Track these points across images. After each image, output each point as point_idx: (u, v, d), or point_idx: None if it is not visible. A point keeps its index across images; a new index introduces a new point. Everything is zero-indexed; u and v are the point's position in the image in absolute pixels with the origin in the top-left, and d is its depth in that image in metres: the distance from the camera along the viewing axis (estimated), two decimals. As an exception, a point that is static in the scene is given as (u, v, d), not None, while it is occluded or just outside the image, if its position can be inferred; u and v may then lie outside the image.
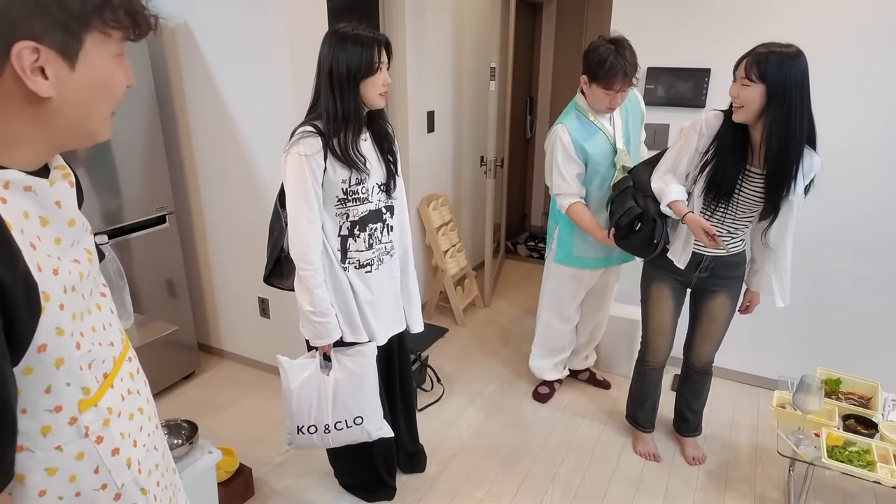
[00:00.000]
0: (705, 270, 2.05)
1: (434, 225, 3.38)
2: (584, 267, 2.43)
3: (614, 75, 2.01)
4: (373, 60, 1.59)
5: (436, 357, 3.11)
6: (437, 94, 3.40)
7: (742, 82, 1.70)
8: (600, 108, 2.15)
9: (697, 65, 2.57)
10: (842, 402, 1.99)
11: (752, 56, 1.67)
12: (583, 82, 2.13)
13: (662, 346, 2.23)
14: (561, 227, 2.39)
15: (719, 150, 1.84)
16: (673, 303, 2.15)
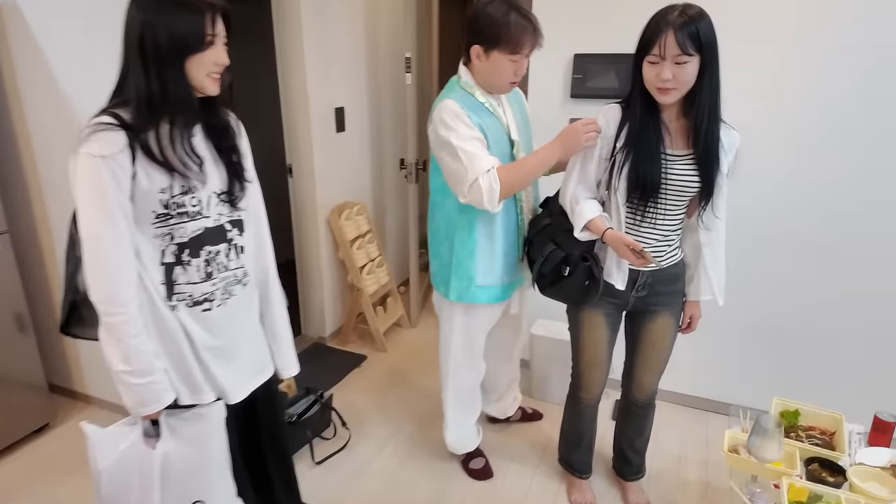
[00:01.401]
0: (643, 288, 1.72)
1: (348, 237, 2.96)
2: (493, 300, 1.91)
3: (522, 32, 1.61)
4: (203, 31, 1.17)
5: (347, 393, 2.69)
6: (347, 89, 2.99)
7: (676, 60, 1.40)
8: (502, 82, 1.71)
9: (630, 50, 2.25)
10: (802, 440, 1.68)
11: (674, 27, 1.38)
12: (475, 55, 1.68)
13: (598, 379, 1.89)
14: (456, 248, 1.83)
15: (633, 144, 1.55)
16: (608, 330, 1.81)
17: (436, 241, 1.93)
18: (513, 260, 1.90)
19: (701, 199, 1.59)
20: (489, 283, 1.87)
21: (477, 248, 1.82)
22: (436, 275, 1.97)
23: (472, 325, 1.97)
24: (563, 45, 2.35)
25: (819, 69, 2.04)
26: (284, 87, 2.75)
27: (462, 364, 2.04)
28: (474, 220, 1.79)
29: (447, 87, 1.78)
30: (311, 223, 2.91)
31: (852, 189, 2.10)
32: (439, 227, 1.90)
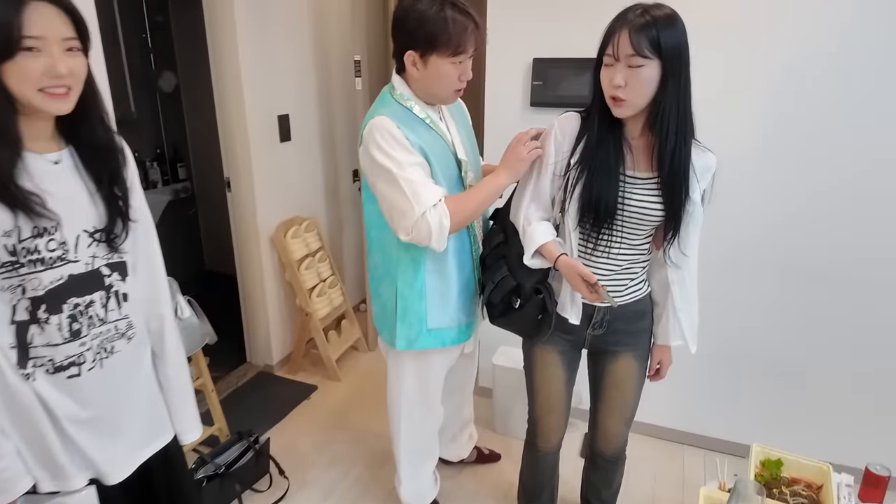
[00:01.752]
0: (600, 326, 1.50)
1: (294, 257, 2.71)
2: (448, 343, 1.65)
3: (463, 30, 1.37)
4: (12, 32, 0.92)
5: (290, 432, 2.44)
6: (292, 95, 2.74)
7: (630, 62, 1.21)
8: (445, 91, 1.46)
9: (593, 54, 2.05)
10: (786, 496, 1.49)
11: (631, 26, 1.20)
12: (410, 63, 1.42)
13: (554, 426, 1.65)
14: (402, 289, 1.57)
15: (588, 161, 1.34)
16: (563, 370, 1.58)
17: (375, 280, 1.67)
18: (469, 296, 1.65)
19: (666, 231, 1.37)
20: (443, 326, 1.62)
21: (426, 288, 1.56)
22: (378, 318, 1.70)
23: (425, 373, 1.72)
24: (521, 49, 2.14)
25: (782, 73, 1.87)
26: (219, 94, 2.49)
27: (416, 414, 1.79)
28: (420, 256, 1.53)
29: (379, 99, 1.52)
30: (252, 242, 2.66)
31: (839, 205, 1.93)
32: (378, 266, 1.64)
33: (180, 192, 3.81)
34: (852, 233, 1.93)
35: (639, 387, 1.59)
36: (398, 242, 1.50)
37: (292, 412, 2.58)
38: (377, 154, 1.40)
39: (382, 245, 1.59)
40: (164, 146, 3.74)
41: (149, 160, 3.61)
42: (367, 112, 1.49)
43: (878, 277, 1.93)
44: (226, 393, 2.70)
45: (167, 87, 3.62)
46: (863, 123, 1.84)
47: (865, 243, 1.92)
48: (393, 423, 1.83)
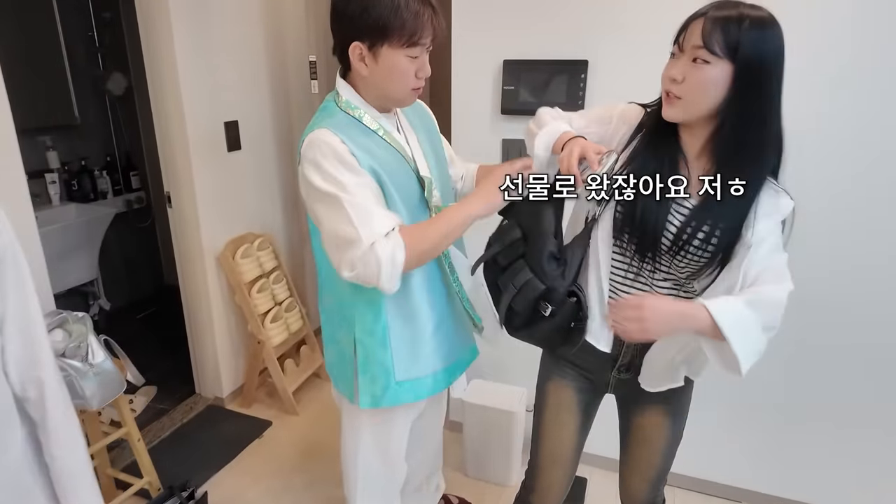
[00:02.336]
0: (626, 369, 1.25)
1: (245, 279, 2.45)
2: (423, 396, 1.38)
3: (417, 14, 1.12)
4: None
5: (237, 477, 2.18)
6: (242, 99, 2.47)
7: (695, 54, 1.00)
8: (401, 90, 1.21)
9: (571, 56, 1.81)
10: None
11: (712, 18, 0.99)
12: (356, 58, 1.17)
13: (556, 483, 1.39)
14: (360, 336, 1.30)
15: (637, 166, 1.11)
16: (579, 415, 1.34)
17: (331, 324, 1.40)
18: (447, 335, 1.39)
19: (708, 269, 1.10)
20: (416, 376, 1.35)
21: (390, 334, 1.30)
22: (334, 368, 1.44)
23: (387, 432, 1.45)
24: (490, 50, 1.89)
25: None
26: (156, 100, 2.22)
27: (375, 474, 1.52)
28: (379, 298, 1.27)
29: (321, 109, 1.25)
30: (196, 263, 2.39)
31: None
32: (331, 309, 1.38)
33: (133, 203, 3.54)
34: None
35: (670, 448, 1.33)
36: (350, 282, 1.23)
37: (241, 453, 2.31)
38: (314, 176, 1.15)
39: (334, 284, 1.32)
40: (116, 154, 3.45)
41: (97, 169, 3.32)
42: (308, 125, 1.22)
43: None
44: (169, 431, 2.43)
45: (117, 89, 3.33)
46: (860, 154, 1.61)
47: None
48: (348, 484, 1.56)
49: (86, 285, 3.21)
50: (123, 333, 3.38)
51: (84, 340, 1.61)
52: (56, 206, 3.03)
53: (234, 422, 2.51)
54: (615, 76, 1.79)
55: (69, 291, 3.13)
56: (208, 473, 2.17)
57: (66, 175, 3.14)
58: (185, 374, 2.70)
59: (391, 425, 1.44)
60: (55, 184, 3.04)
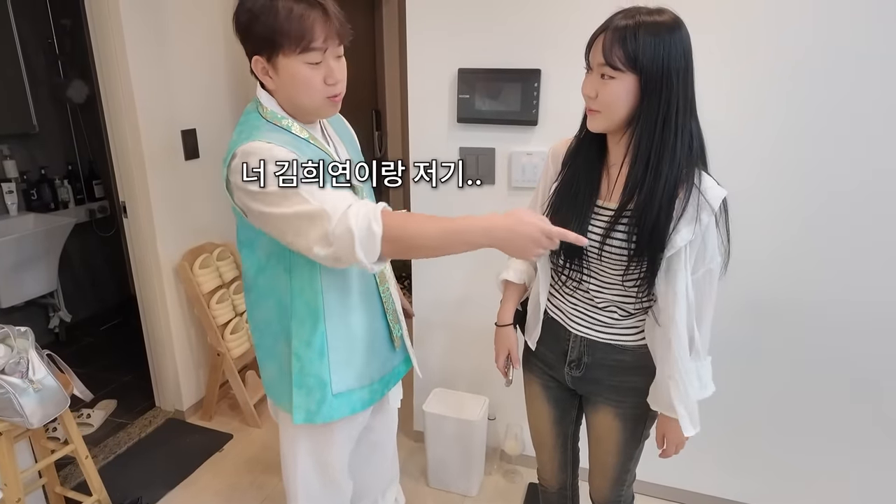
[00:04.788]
0: (577, 366, 1.30)
1: (204, 289, 2.41)
2: (359, 408, 1.34)
3: (303, 18, 1.07)
4: None
5: (196, 492, 2.13)
6: (199, 106, 2.44)
7: (601, 71, 1.06)
8: (313, 99, 1.14)
9: (524, 64, 1.81)
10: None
11: (611, 31, 1.04)
12: (261, 72, 1.14)
13: (547, 464, 1.51)
14: (297, 348, 1.24)
15: (561, 186, 1.22)
16: (549, 406, 1.42)
17: (270, 337, 1.30)
18: (382, 343, 1.37)
19: (639, 278, 1.14)
20: (352, 387, 1.30)
21: (328, 343, 1.25)
22: (273, 385, 1.35)
23: (327, 448, 1.38)
24: (445, 59, 1.88)
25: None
26: (109, 108, 2.18)
27: (318, 496, 1.44)
28: (318, 303, 1.22)
29: (243, 123, 1.18)
30: (153, 274, 2.34)
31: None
32: (271, 321, 1.28)
33: (97, 213, 3.47)
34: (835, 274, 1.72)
35: (623, 449, 1.35)
36: (291, 289, 1.21)
37: (200, 467, 2.26)
38: (258, 183, 1.06)
39: (274, 292, 1.25)
40: (78, 162, 3.39)
41: (58, 178, 3.26)
42: (231, 141, 1.16)
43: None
44: (127, 445, 2.38)
45: (78, 97, 3.27)
46: (834, 170, 1.63)
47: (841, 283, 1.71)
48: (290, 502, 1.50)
49: (45, 297, 3.14)
50: (85, 346, 3.34)
51: (25, 356, 1.57)
52: (13, 216, 2.96)
53: (193, 435, 2.46)
54: (567, 84, 1.79)
55: (28, 303, 3.06)
56: (164, 489, 2.12)
57: (25, 184, 3.08)
58: (146, 388, 2.64)
59: (330, 441, 1.38)
60: (13, 193, 2.97)
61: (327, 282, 1.21)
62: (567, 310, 1.30)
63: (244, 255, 1.28)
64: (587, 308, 1.27)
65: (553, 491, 1.55)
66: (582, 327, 1.27)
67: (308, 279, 1.20)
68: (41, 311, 3.23)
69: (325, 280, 1.21)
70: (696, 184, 1.09)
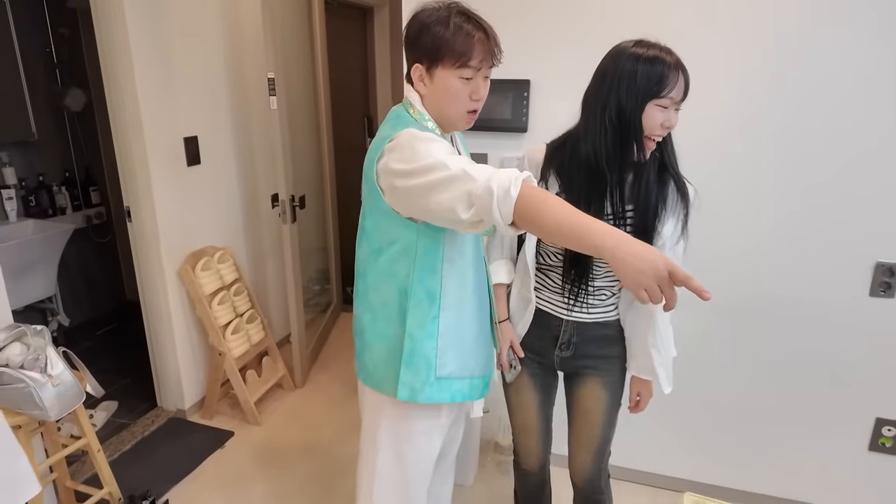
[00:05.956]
0: (567, 347, 1.46)
1: (205, 291, 2.49)
2: (457, 398, 1.35)
3: (468, 37, 1.18)
4: None
5: (199, 487, 2.20)
6: (201, 115, 2.53)
7: (677, 106, 1.26)
8: (457, 111, 1.25)
9: (514, 75, 1.94)
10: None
11: (684, 72, 1.24)
12: (417, 78, 1.26)
13: (530, 448, 1.61)
14: (411, 327, 1.28)
15: (571, 194, 1.33)
16: (537, 392, 1.54)
17: (381, 321, 1.34)
18: (486, 345, 1.42)
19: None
20: (454, 375, 1.34)
21: (440, 328, 1.30)
22: (377, 369, 1.36)
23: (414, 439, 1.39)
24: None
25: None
26: (115, 114, 2.27)
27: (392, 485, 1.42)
28: (437, 290, 1.28)
29: (394, 117, 1.27)
30: (156, 276, 2.42)
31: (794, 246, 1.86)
32: (388, 303, 1.32)
33: (93, 219, 3.53)
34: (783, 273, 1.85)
35: (608, 417, 1.50)
36: (413, 273, 1.27)
37: (203, 463, 2.33)
38: (409, 150, 1.14)
39: (395, 276, 1.30)
40: (75, 169, 3.45)
41: (56, 184, 3.31)
42: (379, 134, 1.24)
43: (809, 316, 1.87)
44: (130, 444, 2.44)
45: (76, 105, 3.33)
46: (794, 174, 1.77)
47: (802, 291, 1.86)
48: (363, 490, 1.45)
49: (44, 301, 3.18)
50: (83, 349, 3.38)
51: (43, 353, 1.64)
52: (13, 222, 3.01)
53: (196, 433, 2.53)
54: (554, 94, 1.92)
55: (27, 308, 3.10)
56: (169, 484, 2.19)
57: (24, 191, 3.13)
58: (146, 390, 2.71)
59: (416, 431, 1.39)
60: (12, 200, 3.02)
61: (447, 271, 1.28)
62: (558, 300, 1.43)
63: (367, 241, 1.33)
64: (579, 300, 1.40)
65: (535, 472, 1.65)
66: (574, 313, 1.41)
67: (430, 267, 1.26)
68: (40, 316, 3.27)
69: (445, 269, 1.28)
70: (682, 183, 1.29)
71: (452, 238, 1.28)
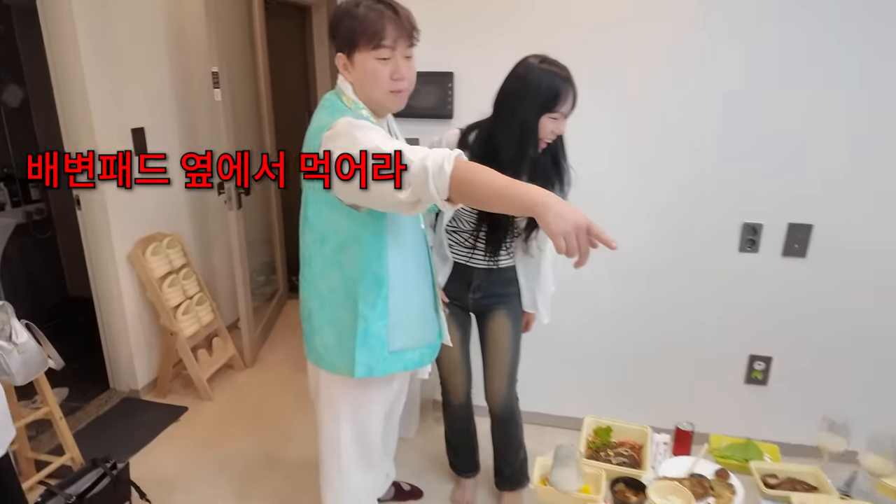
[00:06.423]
0: (478, 289, 1.81)
1: (155, 275, 2.61)
2: (410, 366, 1.50)
3: (378, 18, 1.25)
4: None
5: (157, 456, 2.35)
6: (148, 107, 2.66)
7: (566, 117, 1.57)
8: (379, 92, 1.31)
9: (438, 68, 2.19)
10: (611, 457, 1.67)
11: (574, 89, 1.53)
12: (342, 67, 1.33)
13: (458, 381, 1.93)
14: (363, 310, 1.37)
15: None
16: (457, 329, 1.84)
17: (331, 305, 1.42)
18: (432, 314, 1.56)
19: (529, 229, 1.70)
20: (406, 347, 1.46)
21: (389, 307, 1.40)
22: (329, 351, 1.45)
23: (369, 408, 1.53)
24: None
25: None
26: (64, 109, 2.38)
27: (356, 464, 1.57)
28: (383, 272, 1.37)
29: (329, 107, 1.32)
30: (107, 262, 2.53)
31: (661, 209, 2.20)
32: (335, 287, 1.40)
33: (34, 214, 3.54)
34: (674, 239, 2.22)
35: (514, 343, 1.85)
36: (360, 259, 1.36)
37: (160, 435, 2.47)
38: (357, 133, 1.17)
39: (342, 263, 1.38)
40: (13, 165, 3.45)
41: (-7, 181, 3.32)
42: (316, 122, 1.31)
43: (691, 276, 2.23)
44: (85, 423, 2.54)
45: (13, 101, 3.36)
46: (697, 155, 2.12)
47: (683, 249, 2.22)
48: (328, 483, 1.60)
49: (-15, 296, 3.19)
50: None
51: (7, 324, 1.76)
52: (-50, 218, 3.02)
53: (150, 410, 2.65)
54: (478, 86, 2.17)
55: (-33, 303, 3.10)
56: (127, 454, 2.31)
57: (-40, 188, 3.13)
58: (97, 375, 2.79)
59: (370, 402, 1.53)
60: (-52, 196, 3.03)
61: (392, 255, 1.37)
62: (469, 254, 1.77)
63: (311, 229, 1.40)
64: (485, 253, 1.74)
65: (462, 405, 1.97)
66: (483, 263, 1.76)
67: (376, 253, 1.35)
68: (-20, 311, 3.26)
69: (390, 253, 1.37)
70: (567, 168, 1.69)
71: (394, 223, 1.36)
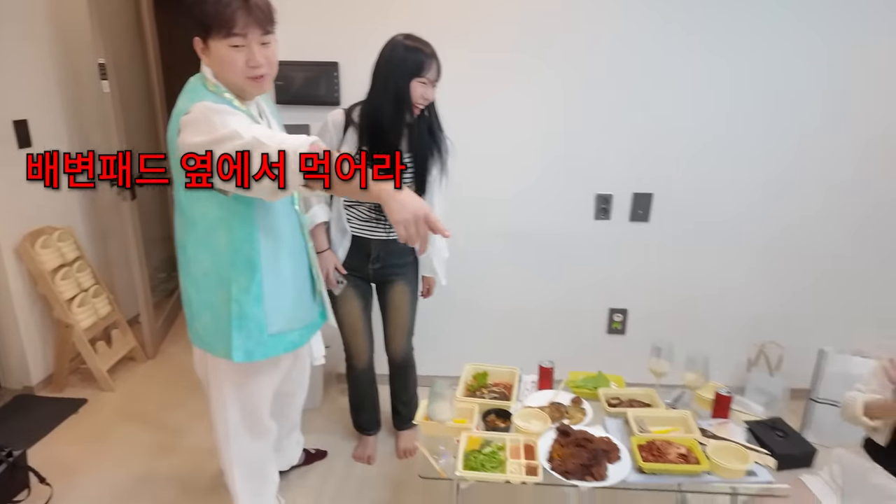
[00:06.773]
0: (377, 261, 1.99)
1: (47, 268, 2.58)
2: (290, 348, 1.57)
3: (227, 6, 1.26)
4: None
5: (57, 445, 2.35)
6: (30, 98, 2.62)
7: (433, 84, 1.78)
8: (236, 77, 1.32)
9: (324, 58, 2.36)
10: (485, 395, 1.91)
11: (437, 60, 1.76)
12: (200, 52, 1.34)
13: (361, 346, 2.12)
14: (236, 294, 1.40)
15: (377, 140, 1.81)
16: (360, 300, 2.05)
17: (204, 290, 1.44)
18: (309, 295, 1.62)
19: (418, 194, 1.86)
20: (284, 329, 1.52)
21: (264, 290, 1.43)
22: (207, 334, 1.49)
23: (255, 389, 1.60)
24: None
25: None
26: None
27: (246, 437, 1.65)
28: (256, 257, 1.41)
29: (192, 91, 1.34)
30: (-8, 256, 2.48)
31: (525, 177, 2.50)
32: (208, 272, 1.42)
33: None
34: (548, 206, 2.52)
35: (411, 306, 2.10)
36: (230, 243, 1.39)
37: (58, 427, 2.45)
38: (214, 117, 1.22)
39: (212, 247, 1.40)
40: None
41: None
42: (176, 107, 1.32)
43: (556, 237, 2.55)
44: (-26, 423, 2.47)
45: None
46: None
47: (550, 218, 2.53)
48: (223, 456, 1.69)
49: None
50: None
51: None
52: None
53: (46, 405, 2.61)
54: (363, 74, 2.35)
55: None
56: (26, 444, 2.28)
57: None
58: (-15, 375, 2.71)
59: (257, 384, 1.59)
60: None
61: (264, 238, 1.41)
62: (367, 226, 1.94)
63: (181, 213, 1.42)
64: (383, 224, 1.93)
65: (365, 369, 2.17)
66: (380, 234, 1.95)
67: (246, 237, 1.38)
68: None
69: (261, 237, 1.40)
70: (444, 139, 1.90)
71: (264, 207, 1.38)
